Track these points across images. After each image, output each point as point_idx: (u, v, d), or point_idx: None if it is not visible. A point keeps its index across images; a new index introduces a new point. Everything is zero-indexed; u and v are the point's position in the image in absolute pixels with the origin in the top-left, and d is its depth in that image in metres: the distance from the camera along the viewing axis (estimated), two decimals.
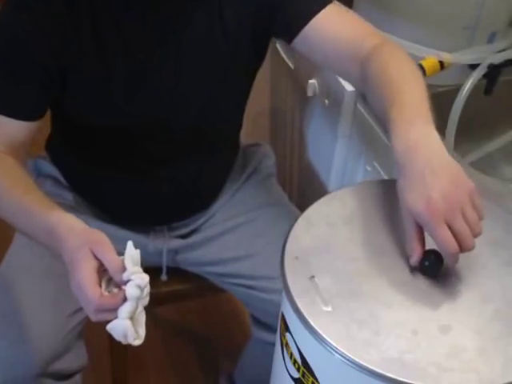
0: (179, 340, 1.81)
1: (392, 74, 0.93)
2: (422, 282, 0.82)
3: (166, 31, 1.04)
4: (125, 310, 0.82)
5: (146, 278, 0.83)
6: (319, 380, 0.78)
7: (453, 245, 0.78)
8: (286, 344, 0.83)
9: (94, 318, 0.84)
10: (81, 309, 1.14)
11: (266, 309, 1.22)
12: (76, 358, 1.14)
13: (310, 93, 1.45)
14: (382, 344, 0.74)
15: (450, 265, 0.81)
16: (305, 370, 0.80)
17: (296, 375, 0.82)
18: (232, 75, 1.11)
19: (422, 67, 1.19)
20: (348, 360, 0.72)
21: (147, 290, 0.84)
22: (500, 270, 0.84)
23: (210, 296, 1.72)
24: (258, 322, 1.30)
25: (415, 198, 0.80)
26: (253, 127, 1.38)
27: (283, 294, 0.82)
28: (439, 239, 0.79)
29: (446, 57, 1.20)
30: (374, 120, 1.29)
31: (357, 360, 0.72)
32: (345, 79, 1.23)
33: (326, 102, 1.40)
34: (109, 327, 0.83)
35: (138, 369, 1.69)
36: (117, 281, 0.84)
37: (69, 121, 1.16)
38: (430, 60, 1.21)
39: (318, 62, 1.11)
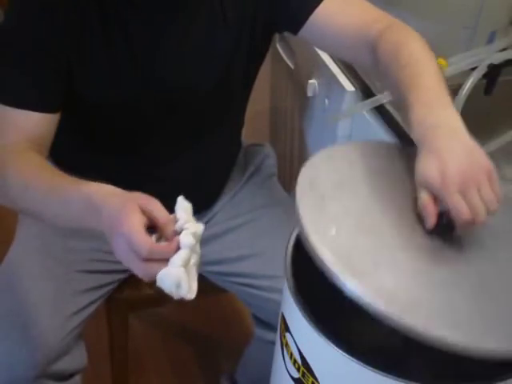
0: (179, 340, 1.81)
1: (405, 57, 0.92)
2: (430, 238, 0.80)
3: (169, 26, 1.04)
4: (179, 257, 0.75)
5: (200, 226, 0.79)
6: (319, 380, 0.78)
7: (466, 212, 0.77)
8: (286, 344, 0.83)
9: (142, 269, 0.77)
10: (81, 310, 1.14)
11: (268, 308, 1.22)
12: (76, 359, 1.15)
13: (309, 93, 1.45)
14: (378, 277, 0.72)
15: (462, 231, 0.80)
16: (305, 370, 0.80)
17: (296, 375, 0.82)
18: (233, 69, 1.11)
19: None
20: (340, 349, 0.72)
21: (199, 247, 0.79)
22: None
23: (211, 296, 1.71)
24: (260, 321, 1.30)
25: (430, 169, 0.79)
26: (253, 127, 1.38)
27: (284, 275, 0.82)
28: (452, 204, 0.77)
29: (442, 63, 1.21)
30: (373, 120, 1.29)
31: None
32: (358, 65, 1.22)
33: (326, 102, 1.40)
34: (159, 276, 0.75)
35: (137, 369, 1.69)
36: (168, 234, 0.79)
37: (72, 118, 1.17)
38: None
39: (328, 50, 1.11)
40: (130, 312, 1.42)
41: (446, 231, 0.80)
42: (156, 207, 0.81)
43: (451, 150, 0.79)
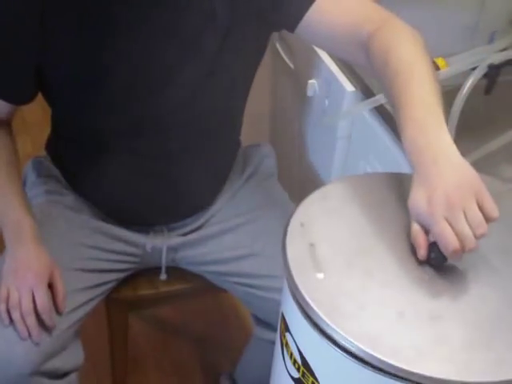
0: (179, 340, 1.81)
1: (394, 63, 0.91)
2: (425, 270, 0.80)
3: (156, 27, 1.05)
4: None
5: None
6: (319, 380, 0.78)
7: (452, 241, 0.77)
8: (286, 344, 0.83)
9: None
10: (77, 308, 1.14)
11: (267, 307, 1.22)
12: (71, 357, 1.14)
13: (309, 93, 1.45)
14: (365, 319, 0.74)
15: (453, 261, 0.80)
16: (305, 370, 0.80)
17: (296, 375, 0.82)
18: (220, 67, 1.11)
19: None
20: (328, 338, 0.73)
21: None
22: (507, 277, 0.82)
23: (210, 296, 1.72)
24: (259, 321, 1.30)
25: (418, 198, 0.80)
26: (253, 127, 1.37)
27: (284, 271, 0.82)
28: (438, 236, 0.78)
29: (442, 64, 1.21)
30: (373, 120, 1.29)
31: (337, 338, 0.72)
32: (355, 64, 1.21)
33: (326, 102, 1.40)
34: None
35: (137, 369, 1.69)
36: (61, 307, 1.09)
37: (66, 119, 1.17)
38: None
39: (324, 49, 1.13)
40: (130, 312, 1.42)
41: (440, 260, 0.80)
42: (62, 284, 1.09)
43: (439, 175, 0.79)
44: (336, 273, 0.79)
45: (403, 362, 0.70)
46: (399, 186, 0.92)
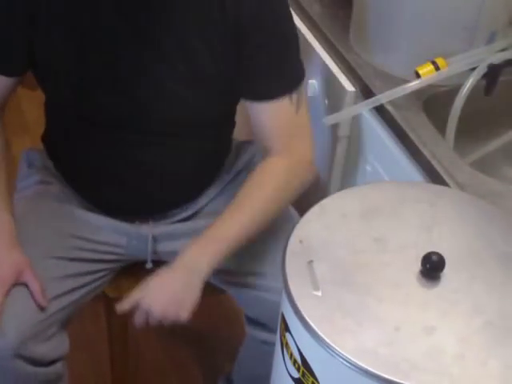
0: (179, 340, 1.81)
1: (247, 188, 1.14)
2: (420, 283, 0.81)
3: (147, 20, 1.07)
4: None
5: None
6: (319, 380, 0.78)
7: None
8: (286, 344, 0.83)
9: None
10: (59, 296, 1.15)
11: (260, 306, 1.22)
12: (56, 347, 1.15)
13: (310, 93, 1.45)
14: (361, 334, 0.75)
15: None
16: (305, 370, 0.80)
17: (296, 375, 0.82)
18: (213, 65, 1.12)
19: (417, 73, 1.19)
20: (329, 348, 0.74)
21: None
22: (503, 284, 0.83)
23: (210, 296, 1.71)
24: (252, 321, 1.29)
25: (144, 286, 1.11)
26: (251, 127, 1.37)
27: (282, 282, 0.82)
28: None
29: (442, 64, 1.20)
30: (373, 120, 1.29)
31: (337, 349, 0.73)
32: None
33: (326, 102, 1.40)
34: None
35: (138, 369, 1.69)
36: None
37: (54, 105, 1.20)
38: (426, 66, 1.21)
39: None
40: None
41: (435, 271, 0.82)
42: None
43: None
44: (334, 289, 0.80)
45: (398, 375, 0.71)
46: (396, 195, 0.93)
